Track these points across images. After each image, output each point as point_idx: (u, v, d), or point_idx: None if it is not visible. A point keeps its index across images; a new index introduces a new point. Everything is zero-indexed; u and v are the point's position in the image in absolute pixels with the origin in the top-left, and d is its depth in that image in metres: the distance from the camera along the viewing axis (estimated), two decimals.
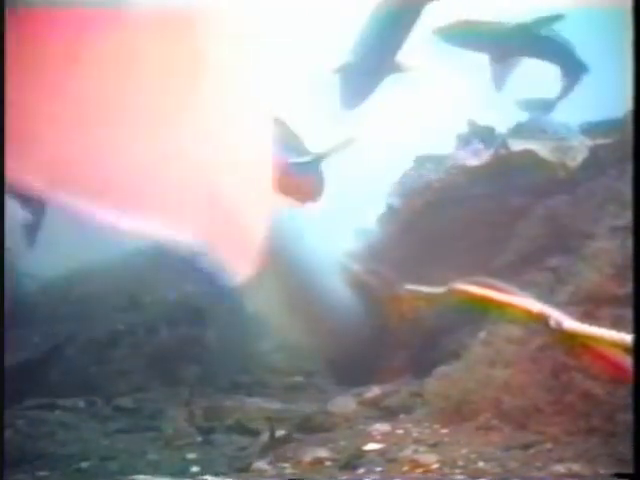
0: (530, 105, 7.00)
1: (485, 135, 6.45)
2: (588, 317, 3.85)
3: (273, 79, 5.30)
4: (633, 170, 3.41)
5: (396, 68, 6.48)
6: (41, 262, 6.24)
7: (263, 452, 4.11)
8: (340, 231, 6.86)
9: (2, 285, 3.60)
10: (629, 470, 3.02)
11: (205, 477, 3.83)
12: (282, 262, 6.13)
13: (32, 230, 6.16)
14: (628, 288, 3.58)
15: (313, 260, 6.37)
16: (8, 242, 3.75)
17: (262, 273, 6.19)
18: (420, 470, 3.52)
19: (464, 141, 6.52)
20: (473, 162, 6.16)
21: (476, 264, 5.48)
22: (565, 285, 4.47)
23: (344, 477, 3.60)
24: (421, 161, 6.74)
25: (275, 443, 4.22)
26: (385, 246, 6.55)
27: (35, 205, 6.04)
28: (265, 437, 4.39)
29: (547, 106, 6.88)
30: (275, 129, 5.49)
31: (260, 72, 4.97)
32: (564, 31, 6.62)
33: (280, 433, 4.35)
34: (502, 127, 6.53)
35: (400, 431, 4.16)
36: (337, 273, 6.51)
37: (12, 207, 5.55)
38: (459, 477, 3.37)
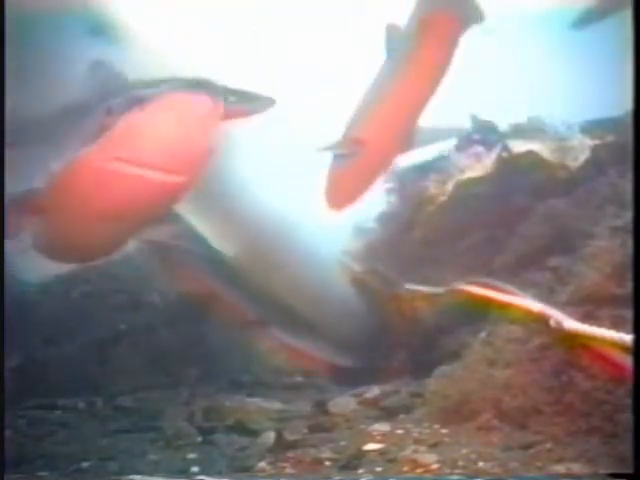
0: None
1: (485, 137, 6.44)
2: (588, 317, 3.84)
3: None
4: (633, 170, 3.41)
5: None
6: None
7: (269, 454, 4.10)
8: (340, 230, 6.85)
9: (2, 285, 3.61)
10: (629, 470, 3.02)
11: (205, 477, 3.83)
12: (282, 261, 6.13)
13: None
14: (628, 288, 3.59)
15: (313, 259, 6.36)
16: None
17: (262, 271, 6.22)
18: (420, 470, 3.51)
19: (464, 143, 6.52)
20: (475, 171, 6.18)
21: (476, 264, 5.48)
22: (565, 285, 4.46)
23: (344, 477, 3.60)
24: (421, 162, 6.73)
25: (283, 446, 4.21)
26: (385, 246, 6.54)
27: None
28: (269, 438, 4.37)
29: None
30: None
31: None
32: (565, 31, 6.61)
33: (290, 437, 4.34)
34: (503, 128, 6.52)
35: (400, 431, 4.14)
36: (337, 272, 6.50)
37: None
38: (459, 477, 3.37)
